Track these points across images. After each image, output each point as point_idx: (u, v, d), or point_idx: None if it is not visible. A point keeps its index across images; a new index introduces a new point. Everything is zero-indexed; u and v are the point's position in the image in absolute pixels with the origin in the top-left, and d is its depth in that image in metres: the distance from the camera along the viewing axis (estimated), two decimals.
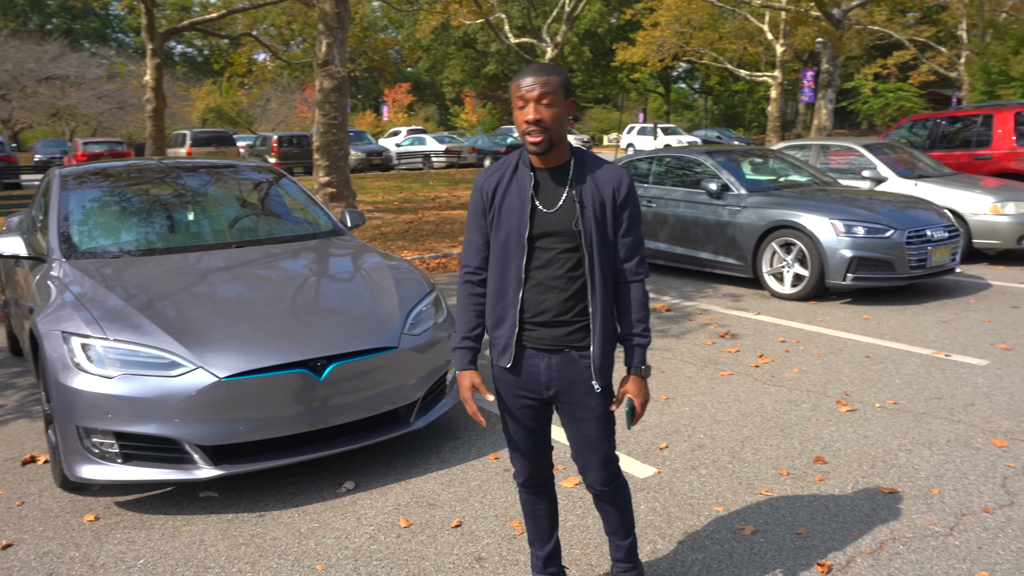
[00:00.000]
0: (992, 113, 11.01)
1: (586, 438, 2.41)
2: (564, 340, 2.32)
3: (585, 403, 2.36)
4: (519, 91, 2.18)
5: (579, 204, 2.25)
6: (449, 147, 31.12)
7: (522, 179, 2.31)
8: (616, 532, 2.62)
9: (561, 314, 2.30)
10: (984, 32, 37.83)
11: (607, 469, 2.46)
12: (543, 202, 2.29)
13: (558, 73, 2.18)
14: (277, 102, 51.48)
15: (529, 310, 2.31)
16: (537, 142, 2.20)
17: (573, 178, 2.29)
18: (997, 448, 3.91)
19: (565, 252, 2.28)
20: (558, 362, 2.33)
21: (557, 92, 2.17)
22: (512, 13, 47.11)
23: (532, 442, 2.48)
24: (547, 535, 2.65)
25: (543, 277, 2.29)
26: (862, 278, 6.87)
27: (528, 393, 2.39)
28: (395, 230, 11.81)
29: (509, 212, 2.29)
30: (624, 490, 2.56)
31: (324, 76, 11.95)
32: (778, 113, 33.97)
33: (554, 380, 2.35)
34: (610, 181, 2.29)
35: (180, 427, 3.31)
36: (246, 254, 4.47)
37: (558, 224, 2.27)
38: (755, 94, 55.87)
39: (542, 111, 2.17)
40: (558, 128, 2.20)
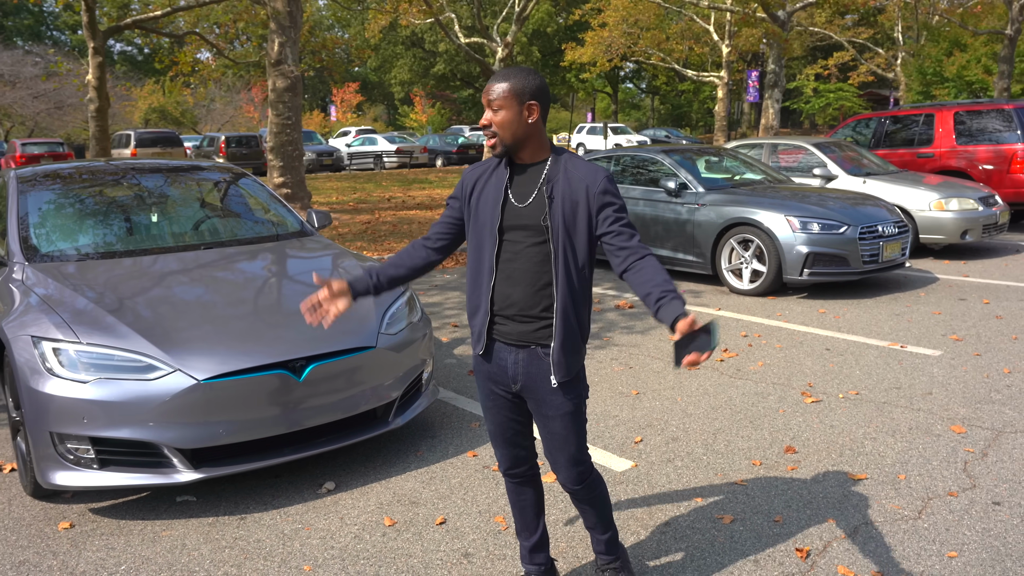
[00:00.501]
0: (933, 113, 11.41)
1: (552, 435, 2.45)
2: (530, 336, 2.37)
3: (550, 400, 2.40)
4: (483, 96, 2.32)
5: (549, 199, 2.31)
6: (400, 147, 30.97)
7: (501, 174, 2.40)
8: (594, 528, 2.66)
9: (527, 309, 2.34)
10: (919, 34, 39.10)
11: (575, 468, 2.49)
12: (516, 196, 2.36)
13: (513, 79, 2.26)
14: (222, 102, 50.52)
15: (498, 302, 2.38)
16: (490, 145, 2.34)
17: (547, 175, 2.35)
18: (956, 434, 4.07)
19: (534, 246, 2.33)
20: (524, 358, 2.39)
21: (507, 98, 2.26)
22: (461, 13, 47.04)
23: (509, 431, 2.53)
24: (533, 525, 2.69)
25: (512, 270, 2.35)
26: (818, 273, 7.07)
27: (499, 386, 2.47)
28: (352, 231, 11.72)
29: (484, 204, 2.39)
30: (597, 488, 2.58)
31: (277, 75, 11.81)
32: (724, 113, 34.60)
33: (520, 376, 2.41)
34: (584, 179, 2.32)
35: (158, 431, 3.26)
36: (216, 255, 4.41)
37: (528, 218, 2.33)
38: (701, 94, 56.79)
39: (492, 117, 2.30)
40: (506, 131, 2.29)
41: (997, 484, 3.51)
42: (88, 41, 18.00)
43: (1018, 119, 10.58)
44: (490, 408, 2.52)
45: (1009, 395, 4.62)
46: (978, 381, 4.87)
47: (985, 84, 34.37)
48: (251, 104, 50.44)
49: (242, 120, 50.95)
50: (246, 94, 50.78)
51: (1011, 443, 3.94)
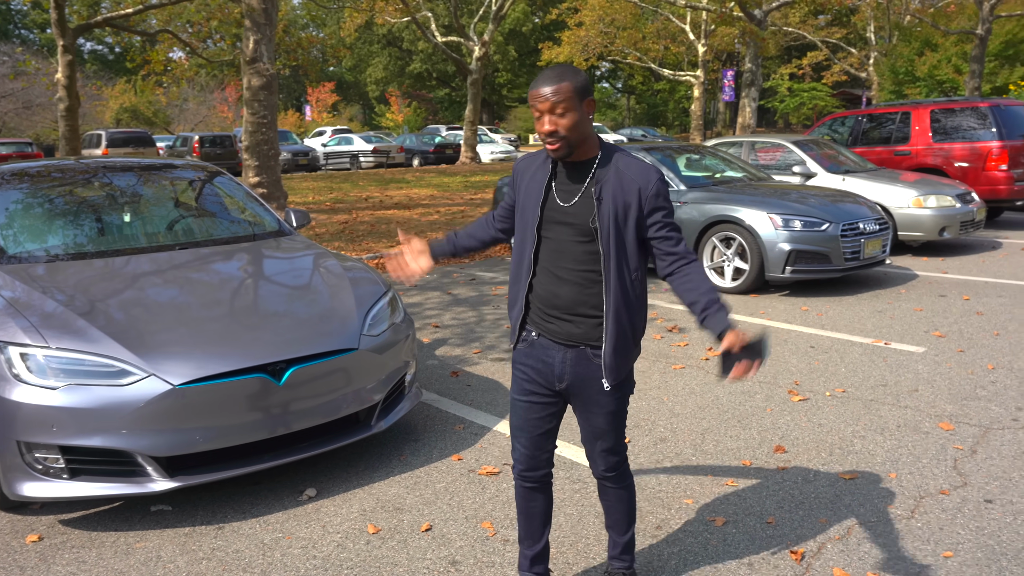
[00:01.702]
0: (910, 111, 11.48)
1: (594, 428, 2.46)
2: (579, 336, 2.33)
3: (597, 400, 2.39)
4: (534, 101, 2.19)
5: (597, 200, 2.25)
6: (377, 147, 30.74)
7: (546, 169, 2.35)
8: (616, 525, 2.64)
9: (575, 308, 2.30)
10: (890, 34, 39.55)
11: (611, 457, 2.50)
12: (560, 195, 2.31)
13: (571, 78, 2.17)
14: (195, 101, 49.90)
15: (544, 299, 2.34)
16: (555, 149, 2.22)
17: (595, 174, 2.28)
18: (944, 432, 4.05)
19: (580, 245, 2.28)
20: (573, 358, 2.35)
21: (571, 99, 2.17)
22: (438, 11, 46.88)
23: (537, 431, 2.46)
24: (538, 534, 2.61)
25: (557, 268, 2.31)
26: (800, 270, 7.05)
27: (541, 381, 2.41)
28: (330, 231, 11.57)
29: (527, 200, 2.36)
30: (627, 479, 2.58)
31: (252, 74, 11.63)
32: (701, 112, 34.74)
33: (567, 375, 2.37)
34: (636, 181, 2.26)
35: (132, 438, 3.13)
36: (191, 256, 4.28)
37: (573, 217, 2.28)
38: (676, 93, 57.05)
39: (557, 121, 2.18)
40: (575, 134, 2.21)
41: (988, 482, 3.48)
42: (57, 39, 17.67)
43: (993, 117, 10.67)
44: (522, 404, 2.45)
45: (994, 391, 4.61)
46: (963, 377, 4.86)
47: (956, 83, 34.84)
48: (225, 104, 49.89)
49: (216, 120, 50.37)
50: (220, 93, 50.22)
51: (999, 440, 3.92)
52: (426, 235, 11.06)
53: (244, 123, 11.87)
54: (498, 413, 4.47)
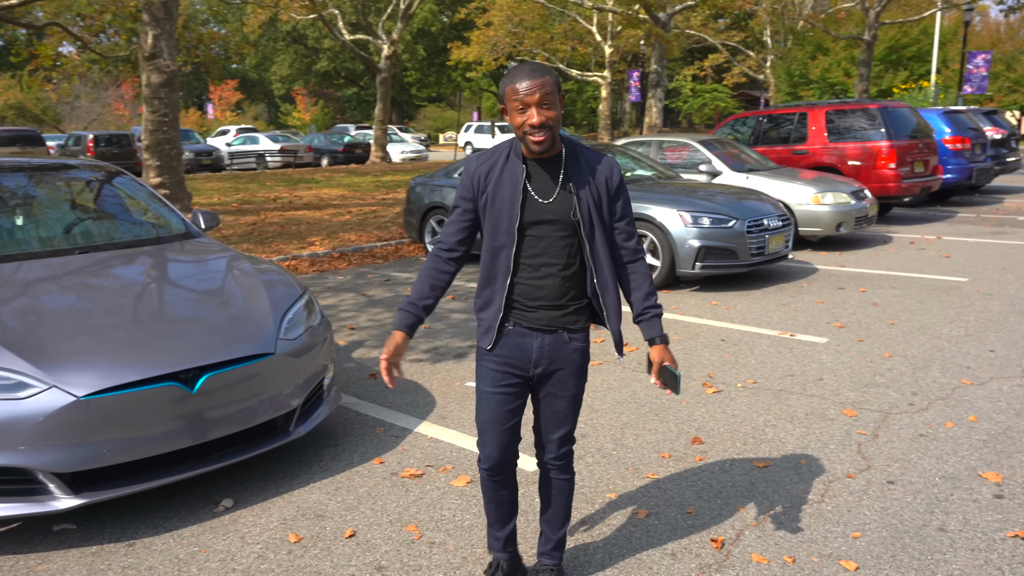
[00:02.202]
0: (807, 112, 11.99)
1: (555, 414, 2.54)
2: (558, 321, 2.44)
3: (566, 383, 2.50)
4: (517, 95, 2.22)
5: (575, 195, 2.35)
6: (284, 146, 30.01)
7: (514, 169, 2.37)
8: (553, 519, 2.69)
9: (558, 298, 2.41)
10: (785, 39, 41.22)
11: (566, 444, 2.59)
12: (537, 192, 2.36)
13: (551, 73, 2.24)
14: (88, 99, 47.60)
15: (526, 294, 2.41)
16: (540, 141, 2.26)
17: (567, 168, 2.37)
18: (848, 418, 4.24)
19: (562, 239, 2.38)
20: (550, 342, 2.45)
21: (555, 93, 2.24)
22: (345, 9, 46.12)
23: (507, 424, 2.50)
24: (507, 519, 2.71)
25: (540, 263, 2.38)
26: (709, 266, 7.26)
27: (515, 370, 2.46)
28: (238, 232, 11.23)
29: (501, 202, 2.36)
30: (571, 472, 2.66)
31: (152, 70, 11.17)
32: (608, 112, 35.35)
33: (544, 359, 2.46)
34: (603, 171, 2.41)
35: (31, 454, 2.96)
36: (93, 261, 4.08)
37: (554, 213, 2.36)
38: (584, 93, 57.89)
39: (545, 113, 2.23)
40: (558, 126, 2.28)
41: (889, 464, 3.67)
42: None
43: (882, 118, 11.26)
44: (495, 397, 2.48)
45: (892, 378, 4.86)
46: (863, 366, 5.11)
47: (846, 86, 36.61)
48: (121, 101, 47.78)
49: (111, 118, 48.17)
50: (115, 90, 48.06)
51: (898, 424, 4.14)
52: (339, 236, 10.87)
53: (144, 121, 11.39)
54: (418, 415, 4.43)
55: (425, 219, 9.43)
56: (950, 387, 4.68)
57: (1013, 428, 4.06)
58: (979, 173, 13.78)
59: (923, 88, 28.99)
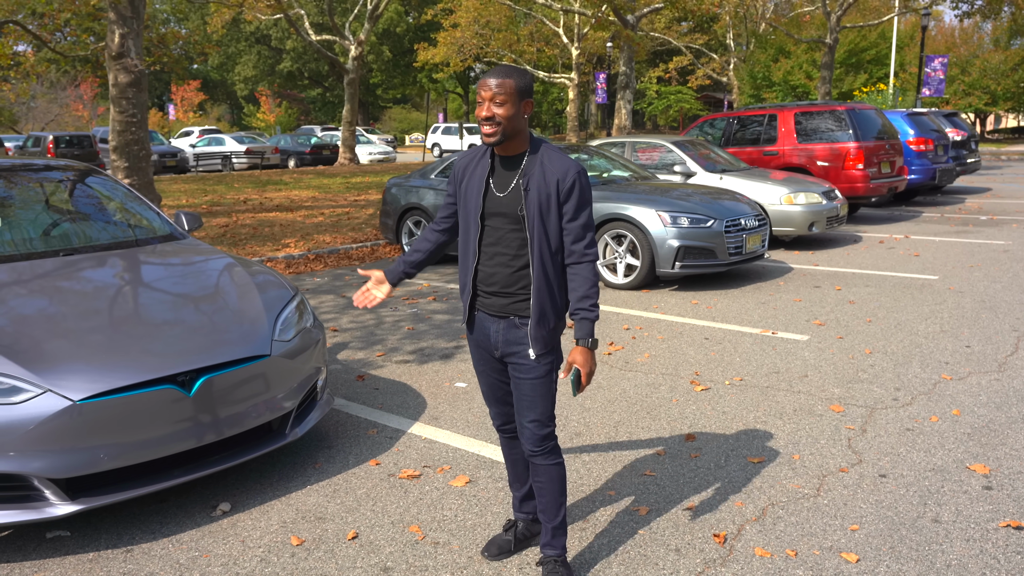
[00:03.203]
0: (776, 114, 12.16)
1: (522, 397, 2.66)
2: (508, 308, 2.62)
3: (523, 365, 2.63)
4: (480, 89, 2.46)
5: (525, 191, 2.53)
6: (251, 148, 29.66)
7: (484, 165, 2.63)
8: (547, 509, 2.72)
9: (507, 286, 2.60)
10: (748, 41, 41.78)
11: (539, 430, 2.66)
12: (497, 186, 2.59)
13: (516, 77, 2.45)
14: (45, 99, 46.56)
15: (483, 279, 2.64)
16: (489, 134, 2.48)
17: (525, 167, 2.55)
18: (836, 413, 4.32)
19: (513, 232, 2.57)
20: (504, 327, 2.64)
21: (511, 94, 2.44)
22: (309, 9, 45.72)
23: (499, 391, 2.80)
24: (523, 477, 2.92)
25: (494, 252, 2.60)
26: (688, 266, 7.34)
27: (485, 352, 2.74)
28: (210, 235, 11.08)
29: (469, 193, 2.63)
30: (557, 455, 2.71)
31: (119, 70, 10.97)
32: (576, 113, 35.49)
33: (500, 343, 2.65)
34: (556, 172, 2.52)
35: (25, 460, 2.89)
36: (82, 263, 4.00)
37: (506, 207, 2.56)
38: (549, 95, 58.08)
39: (494, 109, 2.44)
40: (509, 125, 2.47)
41: (880, 458, 3.74)
42: None
43: (850, 120, 11.47)
44: (482, 371, 2.79)
45: (874, 373, 4.95)
46: (845, 362, 5.20)
47: (808, 88, 37.22)
48: (80, 102, 46.82)
49: (70, 119, 47.18)
50: (73, 91, 47.08)
51: (884, 418, 4.22)
52: (314, 238, 10.77)
53: (111, 122, 11.17)
54: (410, 416, 4.42)
55: (402, 220, 9.39)
56: (931, 382, 4.78)
57: (995, 421, 4.16)
58: (942, 174, 14.10)
59: (882, 91, 29.59)
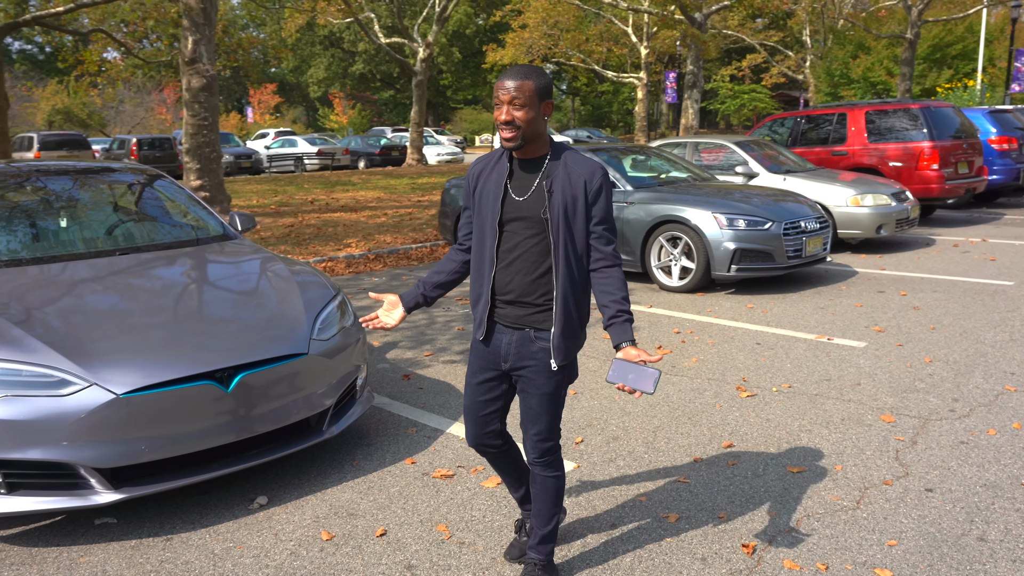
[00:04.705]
0: (846, 112, 11.80)
1: (527, 409, 2.60)
2: (525, 320, 2.51)
3: (534, 380, 2.55)
4: (498, 91, 2.36)
5: (548, 193, 2.42)
6: (322, 149, 30.35)
7: (501, 168, 2.51)
8: (539, 515, 2.72)
9: (524, 295, 2.48)
10: (825, 38, 40.62)
11: (542, 443, 2.62)
12: (515, 190, 2.48)
13: (535, 78, 2.35)
14: (132, 103, 48.60)
15: (499, 288, 2.52)
16: (508, 138, 2.38)
17: (546, 169, 2.46)
18: (886, 424, 4.17)
19: (533, 237, 2.45)
20: (517, 339, 2.53)
21: (530, 96, 2.35)
22: (380, 12, 46.50)
23: (482, 410, 2.66)
24: (517, 483, 2.88)
25: (512, 259, 2.48)
26: (745, 269, 7.19)
27: (490, 364, 2.60)
28: (275, 234, 11.39)
29: (486, 198, 2.51)
30: (558, 471, 2.67)
31: (192, 74, 11.38)
32: (644, 113, 35.16)
33: (511, 355, 2.55)
34: (583, 174, 2.43)
35: (73, 450, 3.03)
36: (132, 262, 4.17)
37: (528, 211, 2.45)
38: (620, 95, 57.66)
39: (513, 112, 2.35)
40: (528, 128, 2.38)
41: (928, 471, 3.60)
42: None
43: (924, 118, 11.04)
44: (473, 385, 2.65)
45: (932, 383, 4.76)
46: (902, 371, 5.01)
47: (888, 85, 35.96)
48: (163, 105, 48.71)
49: (154, 122, 49.13)
50: (158, 95, 49.01)
51: (938, 430, 4.06)
52: (375, 238, 10.96)
53: (184, 125, 11.60)
54: (451, 416, 4.45)
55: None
56: (993, 393, 4.57)
57: None
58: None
59: (968, 87, 28.37)
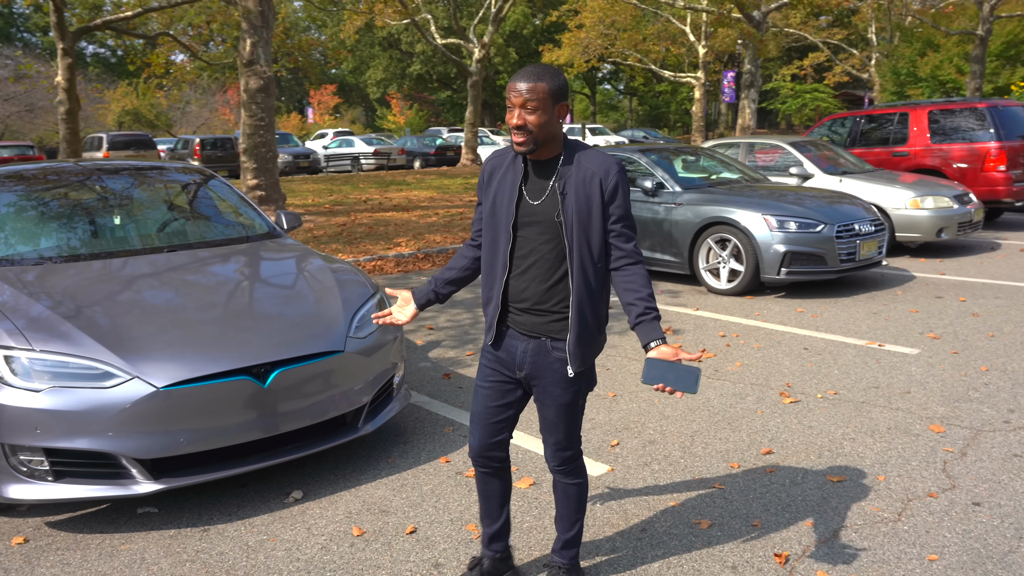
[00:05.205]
0: (908, 112, 11.45)
1: (545, 419, 2.53)
2: (542, 329, 2.42)
3: (550, 391, 2.47)
4: (509, 93, 2.28)
5: (562, 195, 2.33)
6: (378, 149, 30.74)
7: (516, 169, 2.41)
8: (562, 520, 2.69)
9: (541, 303, 2.40)
10: (892, 35, 39.49)
11: (561, 452, 2.56)
12: (530, 193, 2.39)
13: (548, 79, 2.25)
14: (197, 104, 49.98)
15: (513, 295, 2.44)
16: (520, 143, 2.30)
17: (560, 171, 2.36)
18: (935, 434, 4.03)
19: (547, 242, 2.36)
20: (533, 348, 2.44)
21: (543, 99, 2.25)
22: (437, 13, 46.90)
23: (492, 417, 2.56)
24: (496, 514, 2.72)
25: (527, 265, 2.39)
26: (795, 272, 7.03)
27: (503, 369, 2.52)
28: (328, 233, 11.58)
29: (500, 200, 2.42)
30: (577, 477, 2.62)
31: (249, 76, 11.64)
32: (702, 113, 34.71)
33: (526, 364, 2.46)
34: (597, 172, 2.33)
35: (116, 441, 3.13)
36: (178, 259, 4.28)
37: (542, 215, 2.36)
38: (678, 95, 57.00)
39: (525, 117, 2.26)
40: (542, 132, 2.29)
41: (977, 484, 3.46)
42: (57, 42, 17.71)
43: (991, 118, 10.64)
44: (483, 390, 2.56)
45: (987, 393, 4.59)
46: (956, 379, 4.84)
47: (958, 84, 34.78)
48: (227, 106, 49.96)
49: (218, 122, 50.44)
50: (221, 96, 50.30)
51: (990, 442, 3.90)
52: (425, 237, 11.05)
53: (242, 125, 11.87)
54: None
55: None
56: None
57: None
58: None
59: None
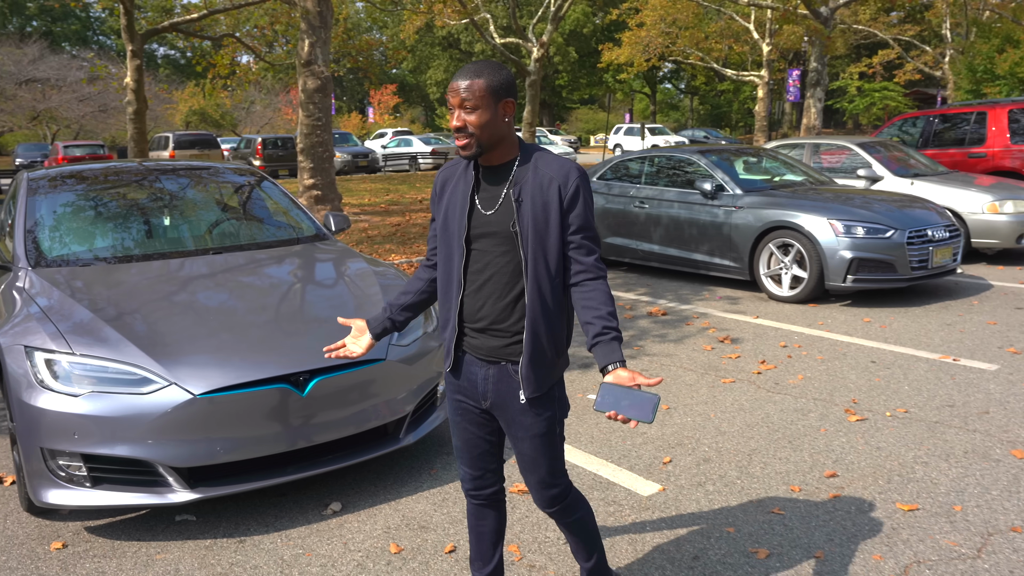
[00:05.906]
0: (986, 111, 10.89)
1: (522, 456, 2.28)
2: (501, 352, 2.19)
3: (519, 421, 2.22)
4: (448, 94, 2.09)
5: (517, 203, 2.11)
6: (435, 148, 30.86)
7: (468, 178, 2.19)
8: (577, 553, 2.50)
9: (498, 322, 2.17)
10: (968, 31, 37.98)
11: (546, 491, 2.31)
12: (482, 203, 2.17)
13: (487, 76, 2.05)
14: (261, 104, 50.99)
15: (468, 316, 2.21)
16: (462, 146, 2.09)
17: (515, 177, 2.14)
18: (1018, 460, 3.73)
19: (503, 255, 2.14)
20: (494, 374, 2.21)
21: (483, 97, 2.05)
22: (496, 13, 46.91)
23: (476, 449, 2.35)
24: (488, 555, 2.49)
25: (482, 282, 2.17)
26: (862, 280, 6.70)
27: (469, 400, 2.29)
28: (382, 233, 11.58)
29: (452, 212, 2.20)
30: (576, 511, 2.39)
31: (307, 76, 11.70)
32: (765, 113, 33.93)
33: (490, 393, 2.23)
34: (555, 178, 2.10)
35: (153, 448, 3.07)
36: (222, 261, 4.24)
37: (496, 225, 2.14)
38: (741, 94, 55.90)
39: (465, 117, 2.06)
40: (485, 133, 2.07)
41: None
42: (126, 44, 18.15)
43: None
44: (458, 423, 2.34)
45: None
46: None
47: None
48: (289, 106, 50.83)
49: (281, 122, 51.39)
50: (284, 96, 51.21)
51: None
52: None
53: (299, 125, 11.95)
54: None
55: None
56: None
57: None
58: None
59: None
